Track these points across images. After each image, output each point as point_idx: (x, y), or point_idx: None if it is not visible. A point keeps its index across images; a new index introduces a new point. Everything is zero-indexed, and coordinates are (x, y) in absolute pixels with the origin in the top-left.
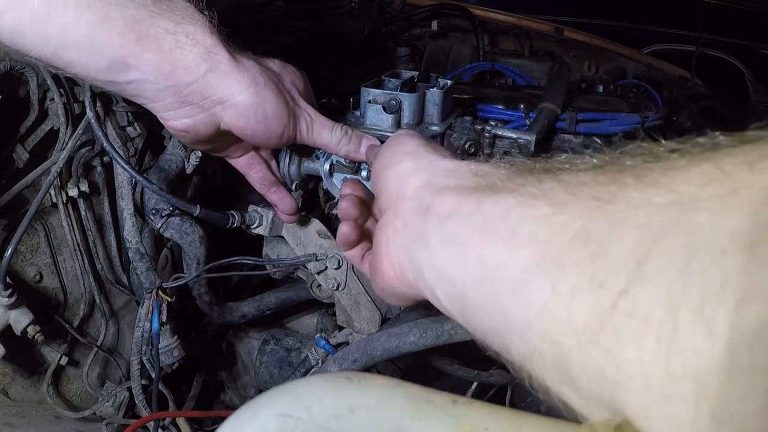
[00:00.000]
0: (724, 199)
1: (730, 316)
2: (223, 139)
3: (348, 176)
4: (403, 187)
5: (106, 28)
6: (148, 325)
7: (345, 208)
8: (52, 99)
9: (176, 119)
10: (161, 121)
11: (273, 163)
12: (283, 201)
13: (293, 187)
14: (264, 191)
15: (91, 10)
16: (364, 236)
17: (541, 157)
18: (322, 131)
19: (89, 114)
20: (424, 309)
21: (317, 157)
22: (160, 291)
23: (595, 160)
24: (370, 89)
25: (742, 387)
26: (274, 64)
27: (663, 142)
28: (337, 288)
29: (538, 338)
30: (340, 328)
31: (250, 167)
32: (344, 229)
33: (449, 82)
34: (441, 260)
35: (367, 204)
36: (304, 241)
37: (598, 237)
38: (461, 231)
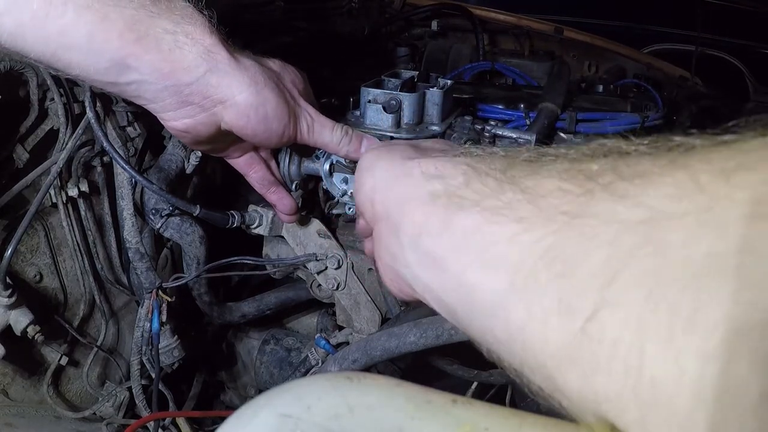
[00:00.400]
0: (698, 217)
1: (700, 346)
2: (223, 139)
3: (348, 176)
4: (374, 208)
5: (105, 29)
6: (148, 325)
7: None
8: (52, 99)
9: (176, 120)
10: (161, 121)
11: (272, 163)
12: (282, 201)
13: (293, 187)
14: (263, 191)
15: (90, 11)
16: None
17: (499, 155)
18: (322, 131)
19: (89, 114)
20: (426, 308)
21: (317, 157)
22: (160, 291)
23: (559, 163)
24: (370, 89)
25: (714, 417)
26: (274, 64)
27: (634, 140)
28: (337, 288)
29: (522, 352)
30: (340, 328)
31: (249, 167)
32: (362, 221)
33: (449, 81)
34: (423, 277)
35: None
36: (304, 241)
37: (565, 256)
38: (434, 250)
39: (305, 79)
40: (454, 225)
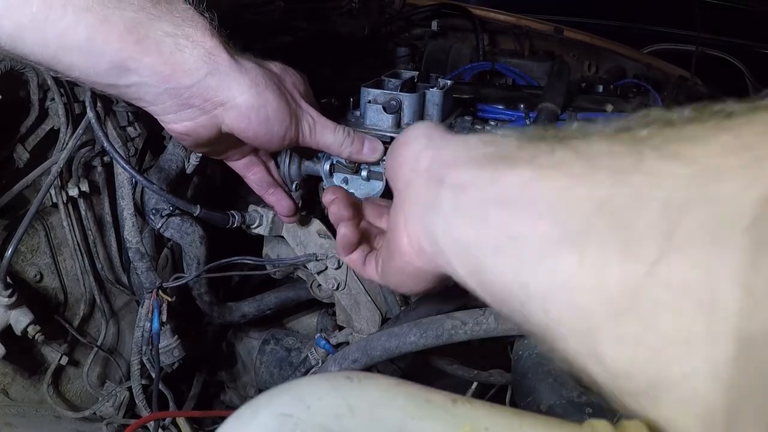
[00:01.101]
0: (747, 170)
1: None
2: (223, 141)
3: (348, 176)
4: (417, 164)
5: (105, 31)
6: (149, 324)
7: (336, 211)
8: (53, 99)
9: (177, 122)
10: (162, 124)
11: (271, 165)
12: (281, 202)
13: (293, 187)
14: (262, 193)
15: (90, 14)
16: (363, 238)
17: (548, 128)
18: (324, 132)
19: (89, 114)
20: (431, 305)
21: (317, 158)
22: (160, 291)
23: (607, 129)
24: (370, 89)
25: None
26: (275, 66)
27: (677, 110)
28: (337, 288)
29: (562, 309)
30: (340, 328)
31: (248, 169)
32: (343, 231)
33: (449, 82)
34: (456, 230)
35: (356, 206)
36: (304, 241)
37: (622, 209)
38: (477, 203)
39: (306, 81)
40: (503, 179)
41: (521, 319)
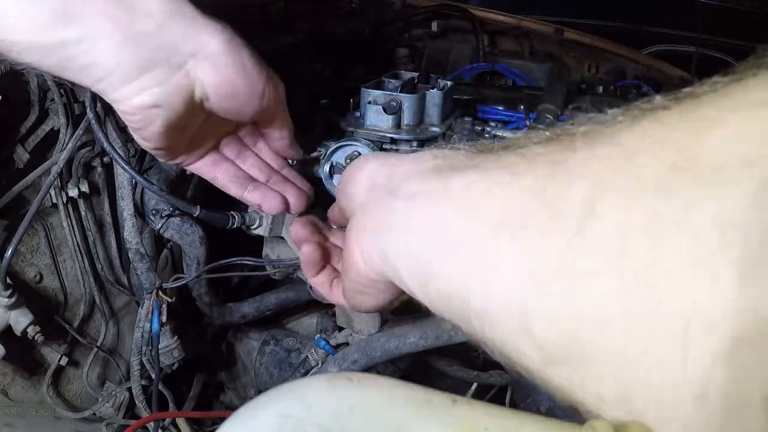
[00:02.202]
0: (662, 142)
1: (669, 225)
2: (193, 120)
3: None
4: (373, 183)
5: None
6: (148, 325)
7: (296, 232)
8: (52, 99)
9: (142, 92)
10: (119, 105)
11: (245, 162)
12: (267, 198)
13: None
14: (241, 192)
15: None
16: (326, 259)
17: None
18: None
19: (89, 114)
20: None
21: (317, 160)
22: (160, 291)
23: (548, 133)
24: (370, 90)
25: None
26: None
27: (608, 111)
28: None
29: (498, 294)
30: (340, 329)
31: (215, 168)
32: (305, 249)
33: (449, 82)
34: (407, 239)
35: (319, 228)
36: None
37: (553, 192)
38: (427, 206)
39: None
40: (450, 184)
41: (461, 320)
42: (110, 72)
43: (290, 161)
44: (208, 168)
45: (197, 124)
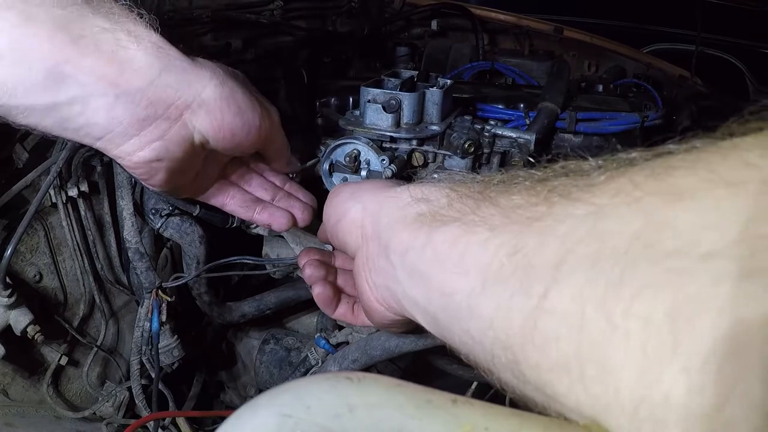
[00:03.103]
0: (629, 206)
1: (624, 308)
2: (194, 161)
3: (348, 176)
4: (362, 231)
5: (31, 33)
6: (148, 324)
7: (310, 274)
8: None
9: (143, 147)
10: (125, 162)
11: (249, 184)
12: (275, 217)
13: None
14: (250, 215)
15: (11, 12)
16: (340, 291)
17: (477, 181)
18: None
19: None
20: None
21: (317, 158)
22: (159, 291)
23: (527, 182)
24: (369, 89)
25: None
26: (220, 65)
27: (589, 159)
28: None
29: (492, 345)
30: (340, 328)
31: (223, 195)
32: (318, 290)
33: (449, 81)
34: (411, 292)
35: (327, 263)
36: (304, 240)
37: (527, 251)
38: (419, 265)
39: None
40: (435, 239)
41: (472, 361)
42: (108, 130)
43: (290, 174)
44: (216, 197)
45: (201, 162)
